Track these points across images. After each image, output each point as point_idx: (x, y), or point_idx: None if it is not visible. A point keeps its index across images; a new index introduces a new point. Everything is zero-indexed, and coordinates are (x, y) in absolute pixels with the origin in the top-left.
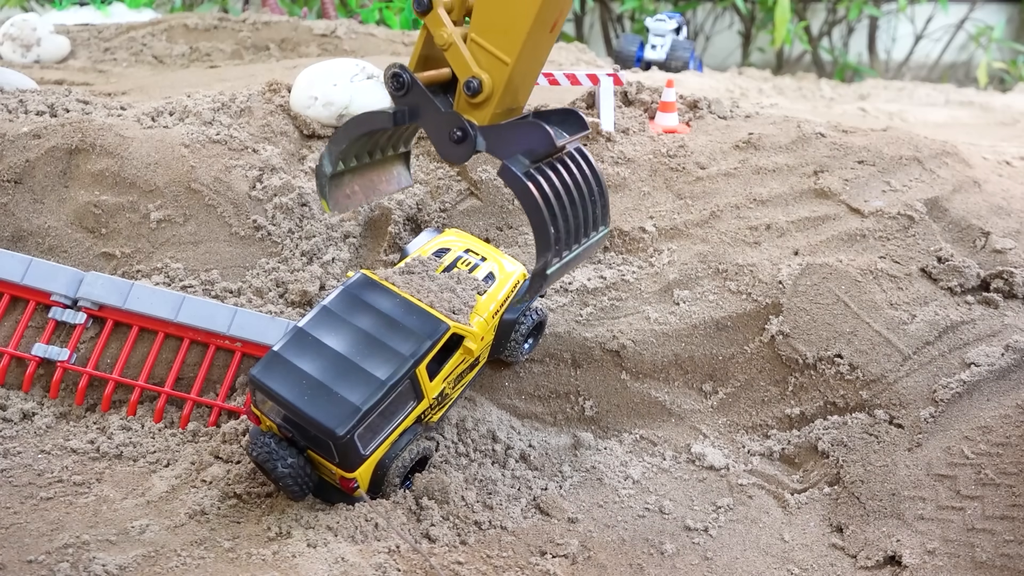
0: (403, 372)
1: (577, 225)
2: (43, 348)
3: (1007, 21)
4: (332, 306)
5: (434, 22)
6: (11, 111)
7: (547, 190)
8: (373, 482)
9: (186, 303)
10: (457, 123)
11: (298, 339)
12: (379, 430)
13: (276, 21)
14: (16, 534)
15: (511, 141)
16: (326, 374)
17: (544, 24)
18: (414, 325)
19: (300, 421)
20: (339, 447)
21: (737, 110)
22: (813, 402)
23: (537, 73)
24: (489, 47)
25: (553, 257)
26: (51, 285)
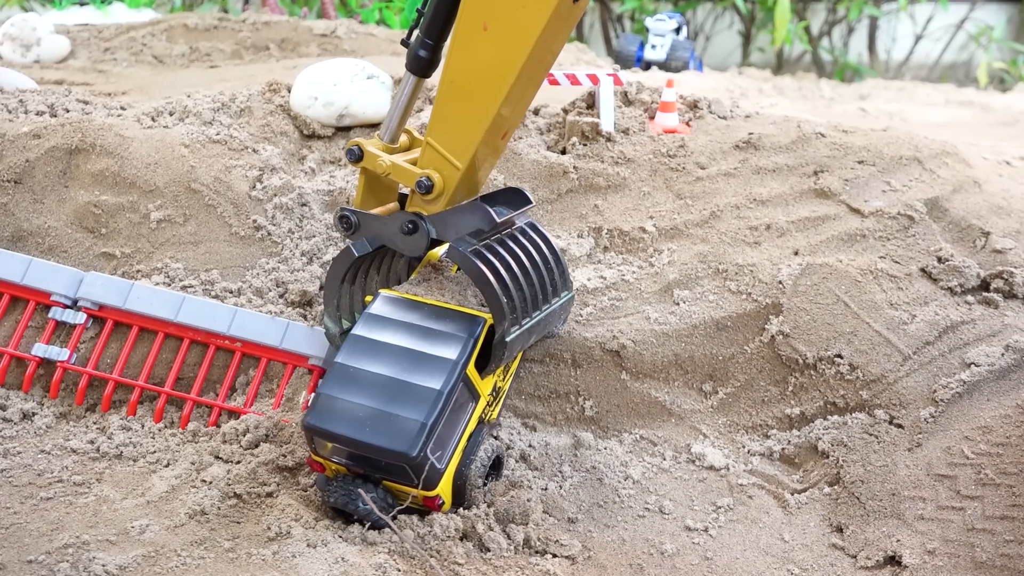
0: (455, 377)
1: (533, 294)
2: (43, 348)
3: (1007, 21)
4: (362, 332)
5: (370, 162)
6: (11, 111)
7: (496, 264)
8: (456, 493)
9: (186, 303)
10: (406, 217)
11: (340, 374)
12: (448, 440)
13: (276, 21)
14: (16, 534)
15: (456, 224)
16: (380, 399)
17: (495, 134)
18: (451, 328)
19: (368, 454)
20: (415, 468)
21: (737, 110)
22: (813, 402)
23: (490, 169)
24: (443, 151)
25: (510, 326)
26: (51, 285)
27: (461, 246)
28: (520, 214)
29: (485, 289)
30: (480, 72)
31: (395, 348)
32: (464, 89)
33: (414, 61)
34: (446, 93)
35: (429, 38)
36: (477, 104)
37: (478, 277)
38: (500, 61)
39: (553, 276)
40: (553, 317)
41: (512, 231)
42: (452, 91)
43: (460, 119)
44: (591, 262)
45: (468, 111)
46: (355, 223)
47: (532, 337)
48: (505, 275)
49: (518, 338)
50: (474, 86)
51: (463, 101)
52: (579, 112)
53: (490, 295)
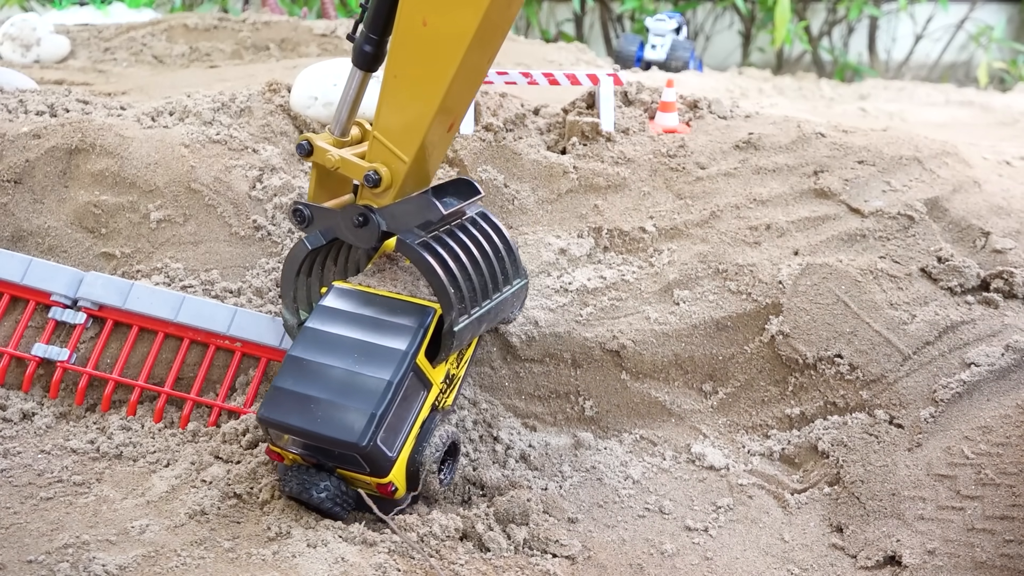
0: (405, 367)
1: (483, 283)
2: (43, 348)
3: (1007, 21)
4: (315, 325)
5: (320, 156)
6: (11, 111)
7: (443, 255)
8: (410, 479)
9: (186, 303)
10: (357, 211)
11: (293, 366)
12: (399, 429)
13: (276, 21)
14: (16, 534)
15: (405, 216)
16: (331, 391)
17: (442, 126)
18: (401, 319)
19: (320, 444)
20: (366, 457)
21: (737, 110)
22: (813, 402)
23: (439, 160)
24: (389, 145)
25: (459, 316)
26: (51, 285)
27: (409, 238)
28: (469, 204)
29: (432, 280)
30: (421, 67)
31: (346, 340)
32: (406, 84)
33: (359, 56)
34: (389, 88)
35: (373, 33)
36: (420, 98)
37: (426, 269)
38: (440, 56)
39: (504, 264)
40: (506, 305)
41: (462, 221)
42: (395, 85)
43: (404, 113)
44: (591, 262)
45: (411, 105)
46: (308, 216)
47: (483, 326)
48: (453, 266)
49: (467, 328)
50: (416, 81)
51: (406, 95)
52: (579, 112)
53: (438, 286)
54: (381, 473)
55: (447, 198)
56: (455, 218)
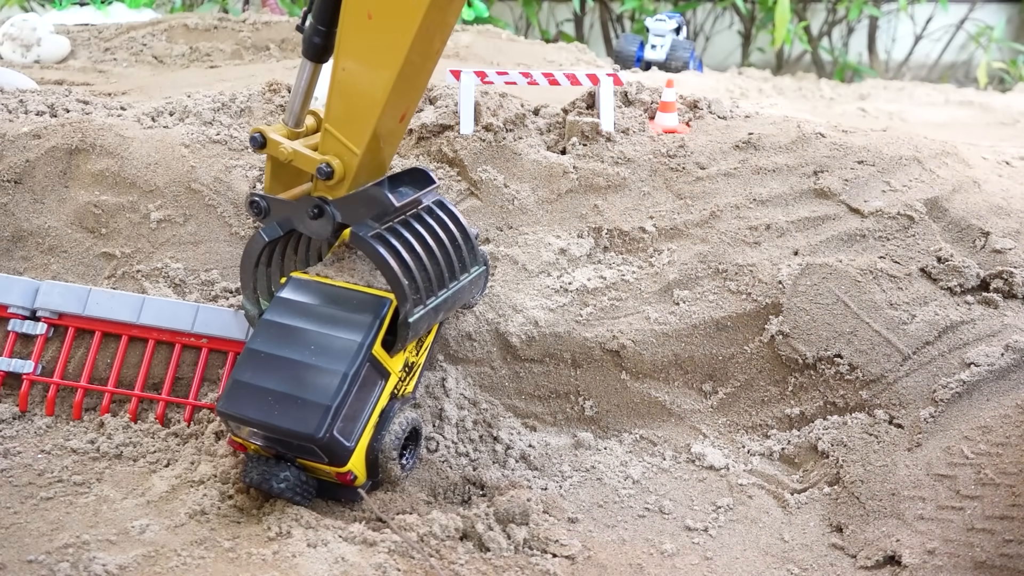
0: (360, 358)
1: (439, 273)
2: (7, 362)
3: (1007, 21)
4: (272, 316)
5: (273, 148)
6: (11, 111)
7: (397, 246)
8: (369, 467)
9: (147, 304)
10: (312, 203)
11: (251, 359)
12: (357, 419)
13: (276, 21)
14: (16, 534)
15: (359, 207)
16: (288, 383)
17: (392, 117)
18: (356, 310)
19: (278, 436)
20: (323, 447)
21: (737, 110)
22: (813, 402)
23: (393, 150)
24: (341, 137)
25: (413, 307)
26: (7, 297)
27: (361, 230)
28: (425, 194)
29: (386, 272)
30: (368, 59)
31: (303, 332)
32: (354, 76)
33: (309, 47)
34: (338, 80)
35: (321, 24)
36: (368, 91)
37: (379, 261)
38: (386, 48)
39: (461, 253)
40: (463, 293)
41: (418, 211)
42: (343, 78)
43: (353, 105)
44: (591, 262)
45: (360, 97)
46: (264, 208)
47: (440, 315)
48: (407, 257)
49: (422, 318)
50: (364, 73)
51: (354, 88)
52: (579, 112)
53: (391, 278)
54: (339, 463)
55: (401, 188)
56: (410, 208)
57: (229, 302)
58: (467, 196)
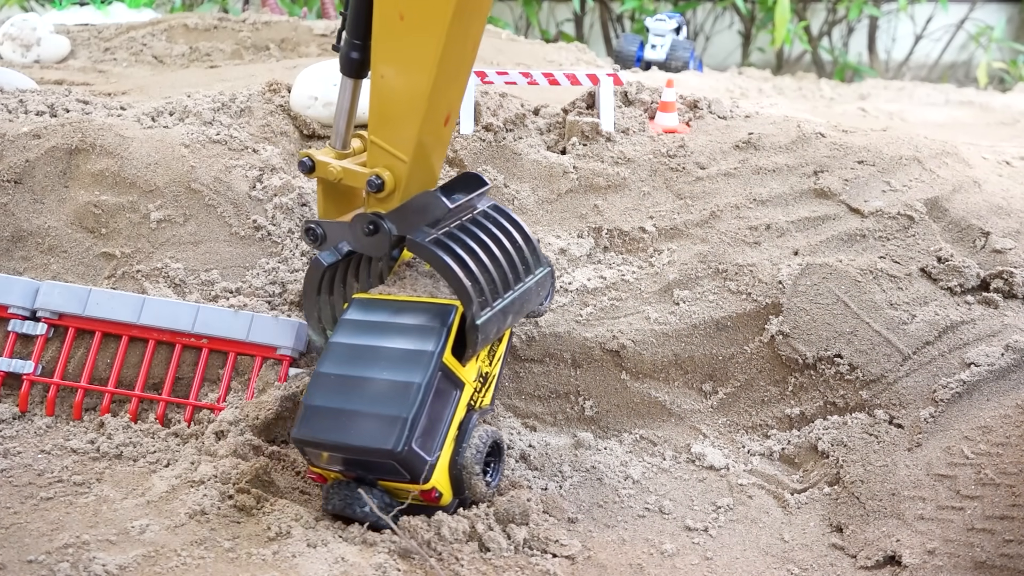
0: (432, 368)
1: (502, 274)
2: (7, 362)
3: (1007, 21)
4: (338, 339)
5: (322, 170)
6: (11, 111)
7: (456, 249)
8: (454, 484)
9: (147, 304)
10: (366, 219)
11: (321, 383)
12: (435, 432)
13: (276, 21)
14: (16, 534)
15: (413, 216)
16: (360, 401)
17: (435, 120)
18: (423, 320)
19: (356, 456)
20: (403, 463)
21: (737, 110)
22: (813, 402)
23: (441, 157)
24: (387, 147)
25: (480, 309)
26: (7, 298)
27: (419, 237)
28: (477, 197)
29: (447, 275)
30: (405, 61)
31: (371, 349)
32: (393, 81)
33: (347, 64)
34: (378, 88)
35: (356, 38)
36: (408, 94)
37: (439, 265)
38: (421, 47)
39: (523, 254)
40: (530, 295)
41: (474, 215)
42: (383, 85)
43: (396, 112)
44: (591, 262)
45: (401, 102)
46: (321, 234)
47: (509, 318)
48: (467, 259)
49: (491, 320)
50: (402, 76)
51: (395, 93)
52: (579, 112)
53: (453, 280)
54: (421, 479)
55: (454, 194)
56: (466, 212)
57: (229, 302)
58: None
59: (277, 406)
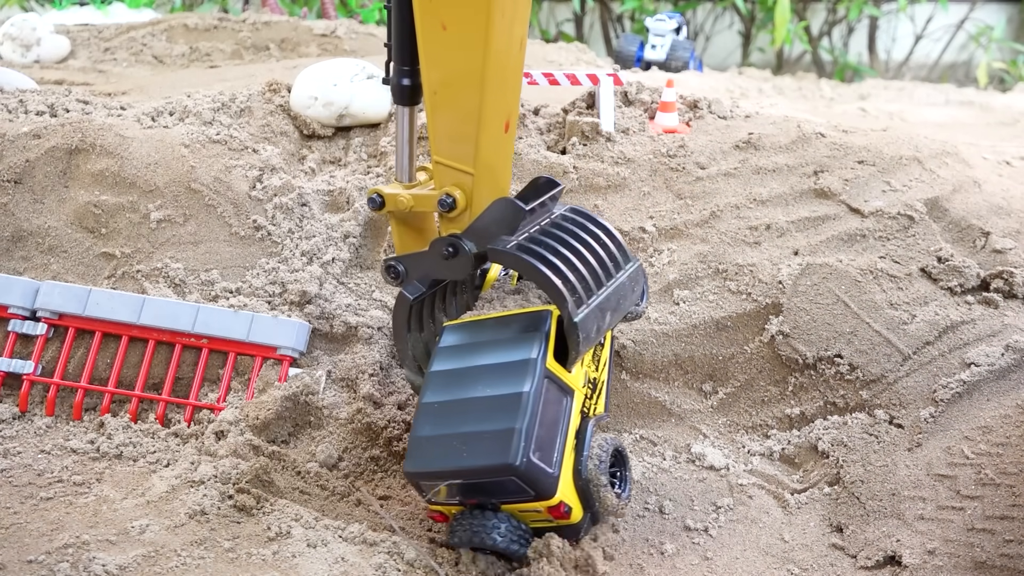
0: (536, 375)
1: (592, 271)
2: (7, 362)
3: (1007, 21)
4: (438, 367)
5: (392, 202)
6: (11, 111)
7: (541, 251)
8: (582, 497)
9: (147, 304)
10: (443, 243)
11: (426, 413)
12: (552, 442)
13: (276, 21)
14: (16, 534)
15: (490, 227)
16: (469, 422)
17: (495, 128)
18: (518, 330)
19: (474, 479)
20: (523, 477)
21: (737, 110)
22: (813, 402)
23: (508, 167)
24: (452, 163)
25: (575, 307)
26: (7, 298)
27: (500, 245)
28: (551, 199)
29: (536, 277)
30: (454, 72)
31: (471, 369)
32: (447, 95)
33: (399, 92)
34: (432, 105)
35: (404, 64)
36: (463, 104)
37: (526, 268)
38: (468, 53)
39: (609, 250)
40: (625, 290)
41: (552, 219)
42: (436, 101)
43: (454, 125)
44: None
45: (457, 114)
46: (402, 271)
47: (608, 316)
48: (554, 258)
49: (589, 318)
50: (454, 88)
51: (449, 106)
52: (579, 112)
53: (543, 282)
54: (546, 493)
55: (528, 198)
56: (543, 217)
57: (229, 302)
58: None
59: (277, 406)
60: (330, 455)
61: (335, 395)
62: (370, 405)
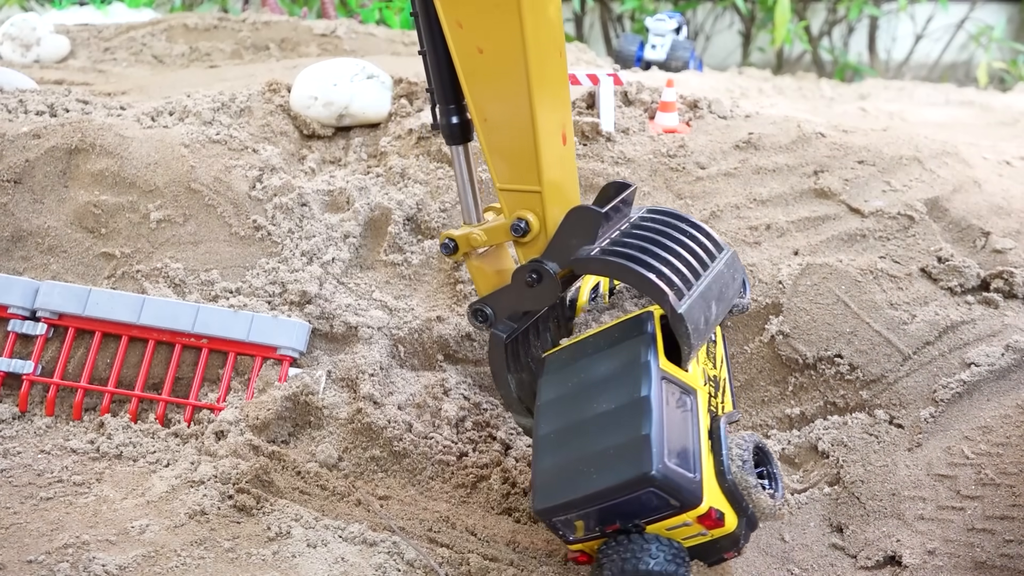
0: (653, 377)
1: (686, 262)
2: (7, 362)
3: (1007, 21)
4: (546, 396)
5: (465, 243)
6: (11, 111)
7: (629, 251)
8: (732, 501)
9: (147, 304)
10: (527, 270)
11: (544, 444)
12: (685, 446)
13: (276, 21)
14: (16, 534)
15: (569, 239)
16: (592, 442)
17: (553, 141)
18: (623, 337)
19: (611, 500)
20: (664, 487)
21: (737, 110)
22: (813, 402)
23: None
24: (517, 187)
25: (677, 299)
26: (7, 298)
27: (583, 254)
28: (623, 201)
29: (628, 277)
30: (500, 94)
31: (582, 390)
32: (497, 119)
33: (449, 131)
34: (485, 133)
35: (450, 103)
36: (516, 123)
37: (616, 269)
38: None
39: (699, 240)
40: (725, 278)
41: (632, 221)
42: (488, 127)
43: (511, 147)
44: None
45: (512, 135)
46: (489, 312)
47: (713, 306)
48: (643, 255)
49: (694, 308)
50: (504, 110)
51: (503, 129)
52: (579, 112)
53: (637, 279)
54: (692, 500)
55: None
56: (622, 221)
57: (229, 302)
58: None
59: (277, 406)
60: (330, 455)
61: (335, 395)
62: (370, 405)
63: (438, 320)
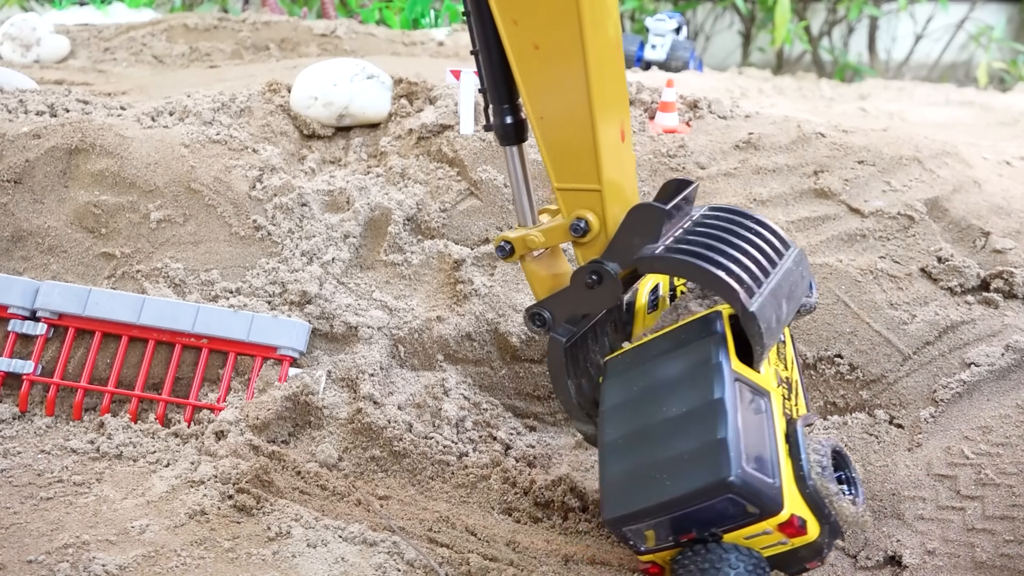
0: (725, 378)
1: (754, 259)
2: (7, 362)
3: (1007, 21)
4: (610, 401)
5: (522, 245)
6: (11, 111)
7: (694, 249)
8: (813, 507)
9: (147, 304)
10: (587, 271)
11: (611, 451)
12: (763, 449)
13: (276, 21)
14: (16, 534)
15: (631, 239)
16: (664, 448)
17: (611, 137)
18: (691, 338)
19: (685, 508)
20: (743, 492)
21: (737, 110)
22: (813, 402)
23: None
24: (576, 186)
25: (747, 296)
26: (7, 298)
27: (647, 252)
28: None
29: (696, 275)
30: (557, 91)
31: (649, 393)
32: (554, 116)
33: (504, 132)
34: (542, 131)
35: (503, 103)
36: (574, 120)
37: (682, 267)
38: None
39: (765, 237)
40: (794, 276)
41: (695, 219)
42: (545, 125)
43: (569, 145)
44: None
45: (571, 135)
46: (547, 316)
47: (783, 304)
48: (710, 252)
49: (765, 306)
50: (560, 107)
51: (561, 127)
52: None
53: (705, 277)
54: (773, 507)
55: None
56: (684, 219)
57: (229, 302)
58: (467, 196)
59: (277, 406)
60: (330, 455)
61: (335, 395)
62: (370, 405)
63: (438, 320)
